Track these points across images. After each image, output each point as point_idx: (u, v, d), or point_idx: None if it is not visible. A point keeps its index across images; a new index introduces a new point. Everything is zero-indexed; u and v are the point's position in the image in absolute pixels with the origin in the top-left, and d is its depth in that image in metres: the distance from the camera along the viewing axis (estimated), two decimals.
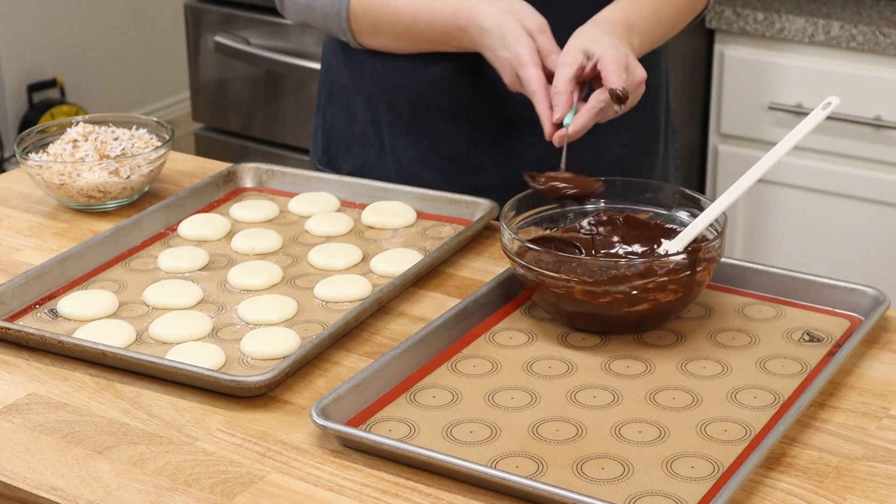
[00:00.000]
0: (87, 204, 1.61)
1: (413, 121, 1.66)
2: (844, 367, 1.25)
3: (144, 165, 1.62)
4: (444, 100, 1.64)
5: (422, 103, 1.65)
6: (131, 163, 1.61)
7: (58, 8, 4.28)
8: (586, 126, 1.41)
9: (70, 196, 1.61)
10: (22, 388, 1.25)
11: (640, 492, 1.08)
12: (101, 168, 1.59)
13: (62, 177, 1.59)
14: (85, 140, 1.65)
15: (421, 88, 1.64)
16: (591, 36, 1.44)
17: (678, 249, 1.32)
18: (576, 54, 1.43)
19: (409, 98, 1.65)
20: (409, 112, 1.66)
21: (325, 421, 1.14)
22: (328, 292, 1.39)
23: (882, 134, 2.52)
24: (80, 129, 1.68)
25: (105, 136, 1.67)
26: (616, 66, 1.40)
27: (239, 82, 3.27)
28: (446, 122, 1.65)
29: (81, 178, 1.59)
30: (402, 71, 1.64)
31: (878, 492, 1.08)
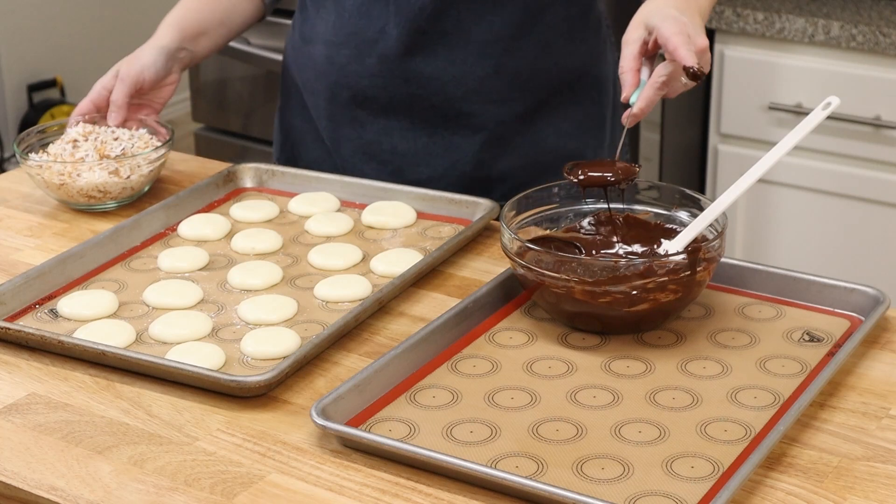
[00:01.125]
0: (87, 204, 1.61)
1: (353, 114, 1.70)
2: (844, 367, 1.25)
3: (144, 165, 1.62)
4: (382, 93, 1.67)
5: (361, 97, 1.69)
6: (131, 163, 1.61)
7: (58, 8, 4.28)
8: (651, 101, 1.38)
9: (70, 196, 1.60)
10: (22, 388, 1.25)
11: (640, 492, 1.08)
12: (101, 168, 1.59)
13: (62, 177, 1.59)
14: (85, 140, 1.65)
15: (359, 83, 1.68)
16: (652, 8, 1.41)
17: (678, 249, 1.32)
18: (637, 30, 1.40)
19: (348, 93, 1.69)
20: (349, 106, 1.70)
21: (325, 421, 1.14)
22: (328, 292, 1.39)
23: (882, 134, 2.52)
24: (80, 129, 1.67)
25: (105, 136, 1.66)
26: (680, 38, 1.36)
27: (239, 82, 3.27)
28: (385, 115, 1.68)
29: (81, 178, 1.59)
30: (341, 66, 1.68)
31: (878, 492, 1.08)
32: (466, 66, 1.64)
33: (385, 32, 1.65)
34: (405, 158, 1.70)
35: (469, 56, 1.64)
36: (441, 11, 1.62)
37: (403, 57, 1.64)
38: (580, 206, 1.43)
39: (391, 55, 1.65)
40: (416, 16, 1.62)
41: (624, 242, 1.38)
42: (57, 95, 4.27)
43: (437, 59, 1.64)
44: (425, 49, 1.64)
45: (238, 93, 3.28)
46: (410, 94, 1.66)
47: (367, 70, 1.67)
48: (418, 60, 1.64)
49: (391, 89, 1.67)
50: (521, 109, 1.67)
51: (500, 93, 1.65)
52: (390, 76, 1.66)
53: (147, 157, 1.62)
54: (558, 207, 1.43)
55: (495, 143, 1.67)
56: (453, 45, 1.64)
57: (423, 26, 1.63)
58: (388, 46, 1.65)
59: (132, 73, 1.67)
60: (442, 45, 1.64)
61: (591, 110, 1.72)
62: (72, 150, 1.64)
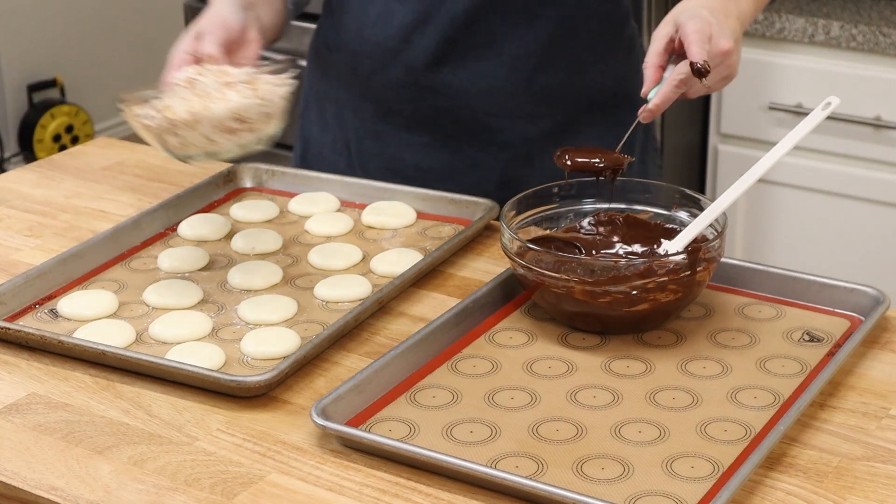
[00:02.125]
0: (210, 150, 1.34)
1: (377, 128, 1.66)
2: (844, 367, 1.25)
3: (280, 87, 1.38)
4: (406, 106, 1.63)
5: (384, 110, 1.64)
6: (267, 86, 1.37)
7: (58, 8, 4.28)
8: (668, 99, 1.37)
9: (201, 135, 1.32)
10: (22, 388, 1.25)
11: (640, 492, 1.08)
12: (238, 91, 1.34)
13: (193, 109, 1.33)
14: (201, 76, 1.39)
15: (383, 94, 1.63)
16: (685, 6, 1.40)
17: (678, 249, 1.32)
18: (665, 27, 1.39)
19: (372, 104, 1.65)
20: (372, 118, 1.66)
21: (325, 421, 1.14)
22: (328, 292, 1.39)
23: (882, 134, 2.52)
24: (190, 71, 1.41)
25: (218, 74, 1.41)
26: (697, 36, 1.35)
27: None
28: (408, 129, 1.64)
29: (217, 106, 1.33)
30: (366, 76, 1.64)
31: (878, 492, 1.08)
32: (496, 80, 1.60)
33: (411, 42, 1.60)
34: (429, 175, 1.65)
35: (499, 69, 1.59)
36: (473, 22, 1.57)
37: (431, 68, 1.60)
38: (580, 206, 1.43)
39: (418, 66, 1.60)
40: (447, 26, 1.57)
41: (624, 242, 1.38)
42: (57, 95, 4.27)
43: (465, 71, 1.60)
44: (454, 60, 1.59)
45: None
46: (436, 107, 1.61)
47: (392, 81, 1.62)
48: (446, 72, 1.59)
49: (416, 101, 1.62)
50: (550, 127, 1.63)
51: (529, 109, 1.61)
52: (416, 88, 1.61)
53: (281, 79, 1.38)
54: (558, 207, 1.43)
55: (521, 160, 1.63)
56: (483, 57, 1.59)
57: (454, 36, 1.58)
58: (415, 57, 1.60)
59: (216, 23, 1.47)
60: (472, 56, 1.59)
61: (621, 130, 1.63)
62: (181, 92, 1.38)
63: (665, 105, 1.38)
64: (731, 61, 1.39)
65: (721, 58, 1.37)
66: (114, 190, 1.70)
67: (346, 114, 1.68)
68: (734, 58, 1.39)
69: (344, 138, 1.70)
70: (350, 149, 1.70)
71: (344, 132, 1.70)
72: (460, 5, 1.56)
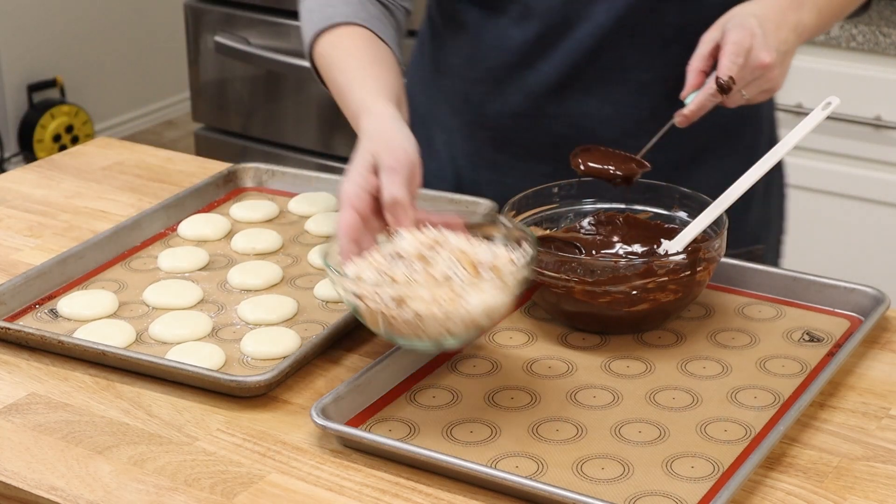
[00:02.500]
0: (439, 342, 1.16)
1: (493, 157, 1.58)
2: (844, 367, 1.25)
3: (521, 271, 1.19)
4: (525, 134, 1.55)
5: (501, 138, 1.56)
6: (513, 272, 1.18)
7: (58, 8, 4.28)
8: (703, 107, 1.34)
9: (445, 329, 1.15)
10: (22, 388, 1.25)
11: (640, 492, 1.08)
12: (493, 285, 1.15)
13: (440, 302, 1.14)
14: (431, 251, 1.19)
15: (500, 122, 1.55)
16: (737, 11, 1.35)
17: (678, 249, 1.32)
18: (714, 31, 1.35)
19: (488, 133, 1.57)
20: (488, 147, 1.58)
21: (325, 421, 1.14)
22: (328, 292, 1.39)
23: (882, 134, 2.52)
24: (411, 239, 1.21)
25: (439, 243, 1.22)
26: (732, 48, 1.31)
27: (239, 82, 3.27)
28: (526, 158, 1.56)
29: (470, 301, 1.14)
30: (480, 103, 1.56)
31: (878, 492, 1.08)
32: (622, 107, 1.51)
33: (533, 67, 1.51)
34: None
35: (626, 96, 1.50)
36: (602, 48, 1.48)
37: (554, 94, 1.51)
38: (580, 206, 1.43)
39: (539, 92, 1.51)
40: (575, 51, 1.48)
41: (624, 242, 1.38)
42: (57, 95, 4.27)
43: (591, 98, 1.51)
44: (580, 86, 1.51)
45: (238, 93, 3.28)
46: (558, 135, 1.52)
47: (511, 108, 1.54)
48: (570, 98, 1.51)
49: (536, 129, 1.53)
50: (677, 157, 1.52)
51: (661, 139, 1.45)
52: (537, 115, 1.52)
53: (522, 260, 1.20)
54: (558, 207, 1.43)
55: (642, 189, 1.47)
56: (611, 83, 1.50)
57: (581, 62, 1.49)
58: (537, 83, 1.51)
59: (396, 154, 1.25)
60: (598, 82, 1.50)
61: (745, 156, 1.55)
62: (405, 268, 1.18)
63: (700, 112, 1.34)
64: (773, 75, 1.33)
65: (760, 71, 1.32)
66: (114, 190, 1.70)
67: (457, 142, 1.60)
68: (776, 71, 1.33)
69: (454, 167, 1.62)
70: (461, 178, 1.61)
71: (454, 161, 1.61)
72: (588, 29, 1.48)
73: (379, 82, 1.36)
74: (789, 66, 1.36)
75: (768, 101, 1.62)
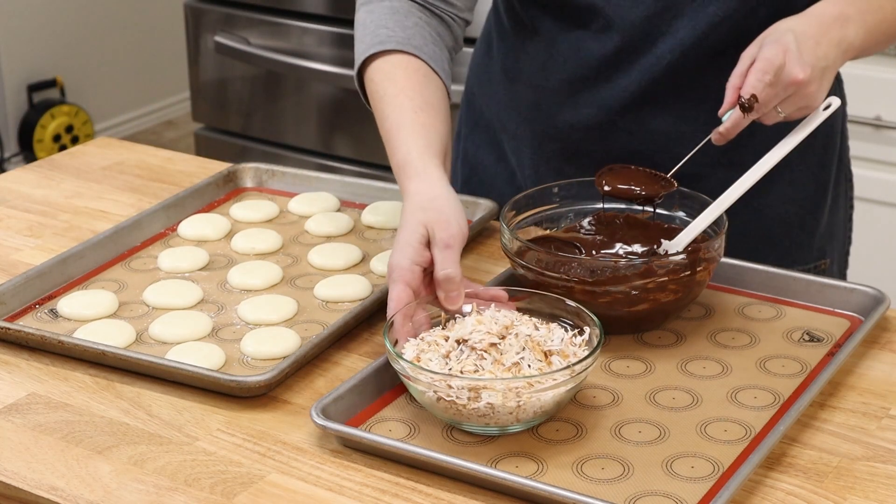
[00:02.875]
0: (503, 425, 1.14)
1: (562, 168, 1.54)
2: (844, 367, 1.25)
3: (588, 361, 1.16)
4: (598, 147, 1.52)
5: (572, 150, 1.54)
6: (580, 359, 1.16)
7: (58, 8, 4.28)
8: (739, 125, 1.30)
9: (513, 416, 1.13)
10: (22, 388, 1.25)
11: (640, 492, 1.08)
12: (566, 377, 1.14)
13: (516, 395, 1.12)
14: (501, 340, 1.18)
15: (571, 134, 1.53)
16: (779, 26, 1.32)
17: (678, 249, 1.32)
18: (753, 47, 1.32)
19: (557, 143, 1.54)
20: (557, 159, 1.55)
21: (325, 421, 1.14)
22: (328, 292, 1.39)
23: (882, 134, 2.52)
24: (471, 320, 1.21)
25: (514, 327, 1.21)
26: (761, 65, 1.28)
27: (239, 82, 3.27)
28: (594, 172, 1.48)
29: (545, 394, 1.13)
30: (551, 113, 1.53)
31: (878, 492, 1.08)
32: (699, 124, 1.46)
33: (611, 80, 1.48)
34: None
35: (703, 113, 1.45)
36: (682, 66, 1.46)
37: (630, 109, 1.48)
38: (580, 206, 1.43)
39: (615, 106, 1.49)
40: (654, 65, 1.46)
41: (624, 242, 1.38)
42: (57, 95, 4.27)
43: (668, 114, 1.48)
44: (656, 101, 1.48)
45: (238, 93, 3.28)
46: (631, 150, 1.49)
47: (584, 120, 1.51)
48: (646, 113, 1.48)
49: (609, 143, 1.50)
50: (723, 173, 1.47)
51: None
52: (611, 129, 1.50)
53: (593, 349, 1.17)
54: (558, 207, 1.43)
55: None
56: (688, 99, 1.48)
57: (660, 79, 1.47)
58: (613, 96, 1.48)
59: (455, 232, 1.24)
60: (675, 98, 1.48)
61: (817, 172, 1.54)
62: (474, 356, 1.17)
63: (736, 130, 1.31)
64: (808, 91, 1.30)
65: (793, 87, 1.29)
66: (114, 190, 1.70)
67: (525, 150, 1.58)
68: (812, 88, 1.30)
69: (522, 174, 1.60)
70: (525, 187, 1.57)
71: (522, 168, 1.59)
72: (670, 44, 1.46)
73: (428, 135, 1.34)
74: (830, 83, 1.33)
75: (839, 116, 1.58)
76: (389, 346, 1.16)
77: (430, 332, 1.22)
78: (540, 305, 1.25)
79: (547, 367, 1.15)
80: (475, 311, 1.24)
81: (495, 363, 1.15)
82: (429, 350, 1.18)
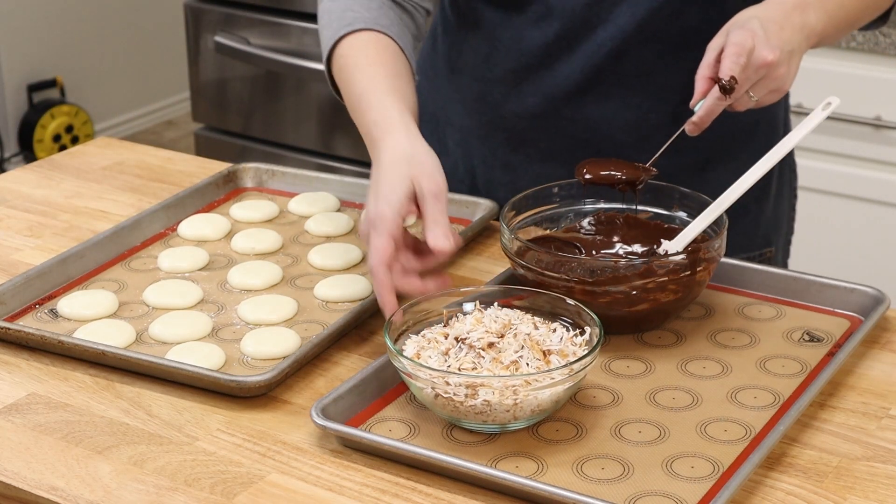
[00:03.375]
0: (502, 423, 1.15)
1: (508, 158, 1.56)
2: (844, 367, 1.25)
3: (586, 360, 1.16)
4: (542, 136, 1.53)
5: (518, 140, 1.55)
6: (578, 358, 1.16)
7: (58, 8, 4.28)
8: (712, 112, 1.31)
9: (511, 414, 1.14)
10: (22, 388, 1.25)
11: (640, 492, 1.08)
12: (565, 375, 1.14)
13: (513, 393, 1.12)
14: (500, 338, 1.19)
15: (517, 124, 1.54)
16: (741, 16, 1.33)
17: (678, 249, 1.32)
18: (719, 37, 1.32)
19: (504, 133, 1.55)
20: (503, 149, 1.56)
21: (325, 421, 1.14)
22: (328, 292, 1.39)
23: (882, 134, 2.52)
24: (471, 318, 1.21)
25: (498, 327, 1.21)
26: (733, 49, 1.28)
27: (239, 82, 3.27)
28: (542, 161, 1.54)
29: (544, 391, 1.13)
30: (496, 103, 1.55)
31: (878, 492, 1.08)
32: (642, 112, 1.49)
33: (552, 68, 1.49)
34: None
35: (646, 101, 1.49)
36: (623, 51, 1.47)
37: (574, 97, 1.49)
38: (580, 206, 1.43)
39: (558, 94, 1.50)
40: (595, 53, 1.47)
41: (624, 242, 1.38)
42: (57, 95, 4.27)
43: (611, 102, 1.50)
44: (600, 90, 1.49)
45: (238, 93, 3.28)
46: (575, 138, 1.51)
47: (529, 109, 1.52)
48: (590, 101, 1.49)
49: (553, 132, 1.52)
50: (692, 161, 1.52)
51: (675, 142, 1.43)
52: (555, 117, 1.51)
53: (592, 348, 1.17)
54: (558, 207, 1.43)
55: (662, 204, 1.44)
56: (631, 87, 1.49)
57: (601, 65, 1.48)
58: (556, 84, 1.49)
59: (440, 183, 1.27)
60: (619, 86, 1.49)
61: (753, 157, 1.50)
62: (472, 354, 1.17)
63: (709, 118, 1.32)
64: (778, 73, 1.31)
65: (764, 69, 1.30)
66: (114, 190, 1.70)
67: (472, 142, 1.59)
68: (781, 70, 1.31)
69: (468, 166, 1.61)
70: (475, 177, 1.61)
71: (469, 160, 1.61)
72: (609, 32, 1.47)
73: (406, 98, 1.35)
74: (797, 67, 1.35)
75: (782, 105, 1.61)
76: (390, 343, 1.16)
77: (430, 330, 1.22)
78: (540, 304, 1.25)
79: (545, 365, 1.15)
80: (476, 309, 1.24)
81: (494, 361, 1.15)
82: (428, 347, 1.18)
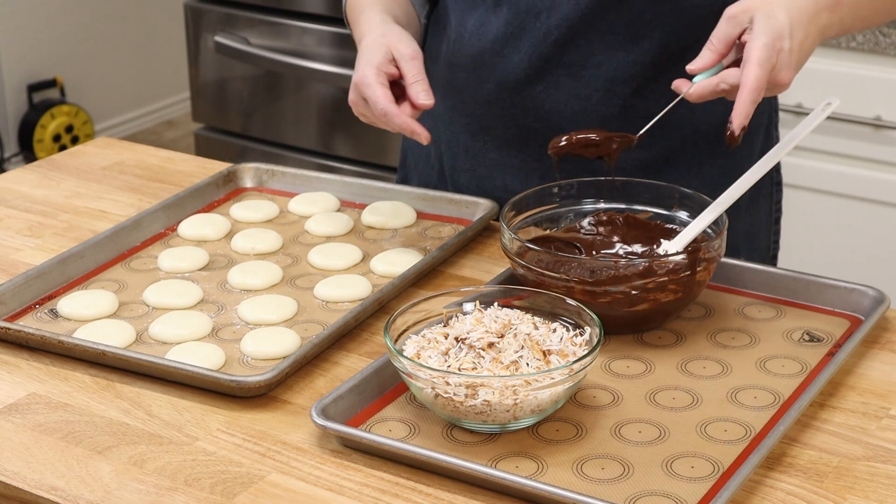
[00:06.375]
0: (503, 423, 1.15)
1: (468, 144, 1.58)
2: (844, 367, 1.25)
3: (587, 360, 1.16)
4: (497, 123, 1.54)
5: (476, 126, 1.57)
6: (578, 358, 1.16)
7: (58, 8, 4.28)
8: (702, 97, 1.29)
9: (510, 414, 1.14)
10: (22, 388, 1.25)
11: (640, 492, 1.08)
12: (564, 375, 1.14)
13: (513, 393, 1.12)
14: (500, 338, 1.19)
15: (476, 110, 1.55)
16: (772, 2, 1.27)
17: (678, 249, 1.32)
18: (743, 15, 1.27)
19: (465, 119, 1.57)
20: (465, 134, 1.58)
21: (325, 421, 1.14)
22: (328, 292, 1.39)
23: (882, 134, 2.52)
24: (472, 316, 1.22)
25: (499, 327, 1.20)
26: (759, 57, 1.24)
27: (239, 82, 3.27)
28: (498, 148, 1.56)
29: (544, 391, 1.14)
30: (459, 89, 1.56)
31: (878, 492, 1.08)
32: (590, 103, 1.49)
33: (504, 56, 1.50)
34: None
35: (594, 92, 1.48)
36: (569, 40, 1.47)
37: (523, 85, 1.50)
38: (580, 206, 1.43)
39: (510, 81, 1.51)
40: (541, 41, 1.47)
41: (624, 242, 1.38)
42: (57, 95, 4.27)
43: (559, 92, 1.49)
44: (547, 79, 1.49)
45: (238, 93, 3.28)
46: (526, 127, 1.52)
47: (484, 96, 1.53)
48: (539, 90, 1.49)
49: (507, 120, 1.53)
50: (646, 157, 1.51)
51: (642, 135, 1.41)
52: (508, 104, 1.52)
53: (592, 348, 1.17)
54: (558, 207, 1.43)
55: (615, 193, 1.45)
56: (578, 77, 1.48)
57: (547, 53, 1.48)
58: (507, 72, 1.50)
59: (416, 47, 1.39)
60: (566, 76, 1.49)
61: (723, 164, 1.53)
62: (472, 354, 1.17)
63: (699, 101, 1.29)
64: (784, 87, 1.29)
65: (777, 90, 1.29)
66: (114, 190, 1.70)
67: (440, 127, 1.60)
68: (788, 84, 1.29)
69: (438, 151, 1.64)
70: (442, 163, 1.63)
71: (437, 145, 1.63)
72: (554, 20, 1.47)
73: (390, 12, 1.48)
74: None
75: (767, 105, 1.61)
76: (390, 343, 1.16)
77: (430, 330, 1.22)
78: (540, 304, 1.25)
79: (545, 366, 1.15)
80: (476, 309, 1.24)
81: (494, 361, 1.15)
82: (428, 347, 1.18)
